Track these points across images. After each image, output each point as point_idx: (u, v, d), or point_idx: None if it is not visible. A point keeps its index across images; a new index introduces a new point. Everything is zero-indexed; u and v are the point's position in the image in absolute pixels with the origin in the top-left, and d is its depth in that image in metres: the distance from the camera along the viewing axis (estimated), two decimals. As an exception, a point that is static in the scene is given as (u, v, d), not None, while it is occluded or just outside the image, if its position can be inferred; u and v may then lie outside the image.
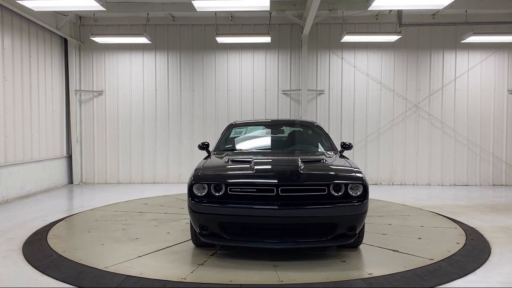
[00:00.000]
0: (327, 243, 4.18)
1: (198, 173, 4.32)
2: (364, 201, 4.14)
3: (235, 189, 4.09)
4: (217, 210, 4.09)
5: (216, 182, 4.15)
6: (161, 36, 10.14)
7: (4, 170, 7.72)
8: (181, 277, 3.84)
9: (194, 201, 4.15)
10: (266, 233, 4.15)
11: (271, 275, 3.90)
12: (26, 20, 8.40)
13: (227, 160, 4.82)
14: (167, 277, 3.81)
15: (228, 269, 4.02)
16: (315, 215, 4.08)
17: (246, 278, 3.81)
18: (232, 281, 3.73)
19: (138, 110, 10.26)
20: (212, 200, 4.12)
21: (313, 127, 6.36)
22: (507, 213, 6.81)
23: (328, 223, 4.12)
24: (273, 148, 5.88)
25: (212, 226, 4.14)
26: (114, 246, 4.81)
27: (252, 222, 4.11)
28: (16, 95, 8.14)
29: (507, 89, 10.05)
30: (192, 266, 4.12)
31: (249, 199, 4.08)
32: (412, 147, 10.10)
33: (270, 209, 3.98)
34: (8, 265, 4.25)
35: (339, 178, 4.22)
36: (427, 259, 4.34)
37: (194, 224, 4.30)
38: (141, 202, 7.55)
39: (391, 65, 10.09)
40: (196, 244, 4.67)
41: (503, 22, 9.26)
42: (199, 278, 3.83)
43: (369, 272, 3.96)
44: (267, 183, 4.10)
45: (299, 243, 4.15)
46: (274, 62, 10.18)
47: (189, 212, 4.25)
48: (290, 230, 4.15)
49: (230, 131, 6.10)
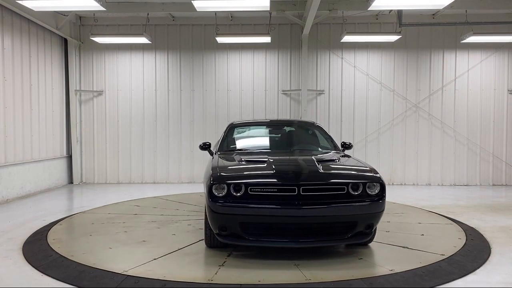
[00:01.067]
0: (347, 241, 4.25)
1: (217, 174, 4.24)
2: (382, 200, 4.22)
3: (256, 189, 4.06)
4: (239, 210, 4.05)
5: (236, 182, 4.10)
6: (161, 36, 10.14)
7: (4, 170, 7.72)
8: (208, 278, 3.80)
9: (214, 202, 4.07)
10: (288, 232, 4.16)
11: (296, 274, 3.91)
12: (26, 20, 8.40)
13: (240, 160, 4.76)
14: (193, 279, 3.76)
15: (251, 269, 4.01)
16: (336, 214, 4.12)
17: (274, 278, 3.80)
18: (261, 281, 3.73)
19: (138, 110, 10.26)
20: (232, 201, 4.06)
21: (314, 127, 6.39)
22: (507, 213, 6.81)
23: (349, 222, 4.18)
24: (279, 148, 5.84)
25: (233, 227, 4.10)
26: (124, 249, 4.70)
27: (274, 222, 4.11)
28: (16, 95, 8.14)
29: (507, 89, 10.06)
30: (214, 267, 4.08)
31: (270, 199, 4.07)
32: (412, 147, 10.10)
33: (293, 209, 4.00)
34: (8, 265, 4.25)
35: (358, 177, 4.30)
36: (439, 254, 4.46)
37: (212, 225, 4.22)
38: (133, 204, 7.37)
39: (391, 65, 10.09)
40: (209, 246, 4.62)
41: (503, 22, 9.26)
42: (225, 279, 3.80)
43: (390, 268, 4.03)
44: (289, 183, 4.09)
45: (320, 241, 4.23)
46: (274, 62, 10.18)
47: (208, 212, 4.18)
48: (311, 229, 4.18)
49: (233, 131, 6.06)
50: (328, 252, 4.58)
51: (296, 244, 4.16)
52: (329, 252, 4.59)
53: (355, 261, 4.30)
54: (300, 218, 4.04)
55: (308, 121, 7.38)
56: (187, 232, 5.38)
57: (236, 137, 6.02)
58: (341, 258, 4.40)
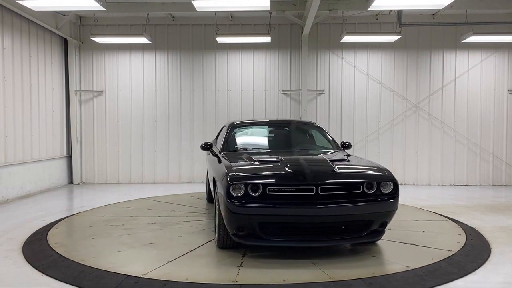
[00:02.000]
0: (362, 239, 4.32)
1: (234, 174, 4.21)
2: (396, 198, 4.33)
3: (274, 189, 4.07)
4: (258, 210, 4.05)
5: (254, 183, 4.09)
6: (161, 36, 10.14)
7: (4, 170, 7.72)
8: (231, 279, 3.78)
9: (232, 202, 4.04)
10: (306, 232, 4.20)
11: (317, 273, 3.93)
12: (26, 20, 8.40)
13: (252, 160, 4.73)
14: (217, 281, 3.75)
15: (272, 269, 4.01)
16: (354, 213, 4.19)
17: (297, 277, 3.81)
18: (286, 281, 3.74)
19: (138, 110, 10.25)
20: (250, 201, 4.06)
21: (315, 127, 6.44)
22: (507, 213, 6.81)
23: (365, 220, 4.26)
24: (284, 147, 5.85)
25: (252, 227, 4.09)
26: (133, 252, 4.60)
27: (293, 222, 4.13)
28: (16, 95, 8.14)
29: (507, 89, 10.05)
30: (233, 268, 4.06)
31: (288, 198, 4.09)
32: (412, 147, 10.10)
33: (312, 208, 4.04)
34: (8, 265, 4.25)
35: (372, 177, 4.39)
36: (446, 250, 4.58)
37: (229, 225, 4.19)
38: (125, 205, 7.21)
39: (391, 65, 10.09)
40: (221, 247, 4.58)
41: (503, 22, 9.26)
42: (249, 279, 3.80)
43: (406, 265, 4.12)
44: (307, 183, 4.11)
45: (338, 240, 4.29)
46: (274, 62, 10.18)
47: (225, 213, 4.14)
48: (329, 228, 4.24)
49: (235, 131, 6.02)
50: (340, 251, 4.65)
51: (315, 243, 4.25)
52: (342, 251, 4.66)
53: (369, 258, 4.37)
54: (319, 218, 4.09)
55: (308, 121, 7.40)
56: (192, 234, 5.33)
57: (240, 137, 6.00)
58: (355, 256, 4.46)
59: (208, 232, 5.36)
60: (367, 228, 4.28)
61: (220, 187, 4.34)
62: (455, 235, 5.29)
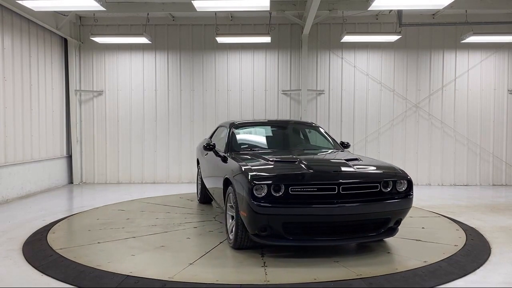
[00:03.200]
0: (380, 237, 4.44)
1: (255, 174, 4.21)
2: (411, 196, 4.47)
3: (297, 189, 4.09)
4: (283, 210, 4.07)
5: (277, 183, 4.10)
6: (161, 36, 10.14)
7: (4, 170, 7.72)
8: (262, 279, 3.77)
9: (256, 203, 4.04)
10: (328, 230, 4.27)
11: (345, 271, 3.97)
12: (26, 20, 8.40)
13: (268, 160, 4.73)
14: (248, 281, 3.72)
15: (298, 268, 4.03)
16: (375, 211, 4.29)
17: (326, 275, 3.84)
18: (317, 279, 3.75)
19: (138, 110, 10.25)
20: (273, 201, 4.07)
21: (315, 127, 6.50)
22: (507, 213, 6.82)
23: (384, 218, 4.36)
24: (289, 147, 5.91)
25: (276, 227, 4.10)
26: (148, 255, 4.47)
27: (316, 221, 4.19)
28: (16, 95, 8.14)
29: (507, 89, 10.05)
30: (259, 268, 4.04)
31: (311, 198, 4.13)
32: (412, 147, 10.10)
33: (335, 207, 4.09)
34: (8, 265, 4.25)
35: (389, 175, 4.49)
36: (452, 245, 4.75)
37: (251, 226, 4.19)
38: (116, 208, 6.98)
39: (391, 65, 10.09)
40: (238, 247, 4.53)
41: (503, 22, 9.26)
42: (279, 278, 3.78)
43: (423, 260, 4.25)
44: (330, 182, 4.17)
45: (358, 238, 4.36)
46: (274, 62, 10.18)
47: (248, 213, 4.11)
48: (350, 227, 4.32)
49: (237, 131, 5.96)
50: (355, 248, 4.71)
51: (338, 241, 4.34)
52: (357, 248, 4.71)
53: (385, 255, 4.48)
54: (341, 216, 4.16)
55: (307, 121, 7.43)
56: (200, 236, 5.26)
57: (243, 137, 5.96)
58: (371, 253, 4.53)
59: (215, 234, 5.30)
60: (385, 225, 4.40)
61: (239, 187, 4.31)
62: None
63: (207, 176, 6.38)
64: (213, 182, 5.86)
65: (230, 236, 4.71)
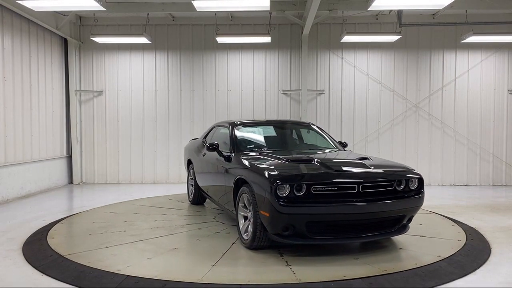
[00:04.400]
0: (394, 234, 4.55)
1: (277, 174, 4.21)
2: (423, 193, 4.62)
3: (318, 188, 4.14)
4: (306, 210, 4.10)
5: (300, 182, 4.13)
6: (161, 36, 10.14)
7: (4, 170, 7.72)
8: (293, 278, 3.77)
9: (279, 203, 4.05)
10: (349, 228, 4.35)
11: (369, 268, 4.04)
12: (26, 20, 8.40)
13: (283, 160, 4.74)
14: (281, 281, 3.73)
15: (324, 266, 4.07)
16: (392, 209, 4.39)
17: (353, 273, 3.90)
18: (346, 276, 3.81)
19: (138, 110, 10.26)
20: (296, 201, 4.10)
21: (315, 127, 6.55)
22: (507, 213, 6.81)
23: (399, 215, 4.48)
24: (294, 147, 6.01)
25: (299, 226, 4.13)
26: (165, 258, 4.36)
27: (338, 219, 4.25)
28: (16, 95, 8.14)
29: (507, 89, 10.05)
30: (284, 267, 4.06)
31: (332, 197, 4.18)
32: (412, 147, 10.10)
33: (356, 206, 4.17)
34: (8, 265, 4.25)
35: (403, 174, 4.61)
36: (455, 240, 4.95)
37: (274, 226, 4.19)
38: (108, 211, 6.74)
39: (391, 65, 10.09)
40: (255, 247, 4.52)
41: (503, 22, 9.26)
42: (309, 277, 3.80)
43: (437, 255, 4.41)
44: (350, 181, 4.26)
45: (376, 235, 4.46)
46: (274, 62, 10.18)
47: (271, 213, 4.10)
48: (369, 224, 4.40)
49: (240, 132, 5.90)
50: (369, 246, 4.76)
51: (358, 239, 4.42)
52: (370, 245, 4.76)
53: (398, 251, 4.60)
54: (362, 215, 4.24)
55: (306, 122, 7.46)
56: (208, 237, 5.18)
57: (247, 138, 5.92)
58: (386, 250, 4.64)
59: (223, 235, 5.26)
60: (399, 222, 4.53)
61: (258, 188, 4.31)
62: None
63: (206, 176, 6.32)
64: (216, 182, 5.80)
65: (244, 237, 4.69)
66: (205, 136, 7.11)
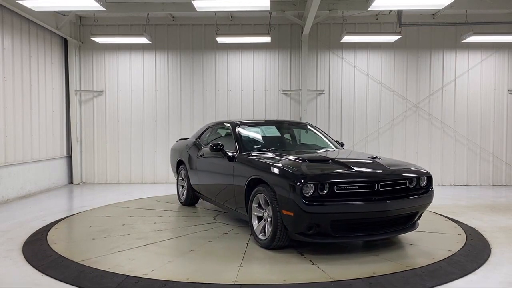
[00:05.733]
0: (407, 230, 4.71)
1: (302, 174, 4.22)
2: (432, 191, 4.77)
3: (341, 187, 4.21)
4: (331, 208, 4.15)
5: (324, 182, 4.17)
6: (161, 36, 10.14)
7: (4, 170, 7.72)
8: (326, 277, 3.81)
9: (305, 202, 4.08)
10: (370, 226, 4.43)
11: (393, 264, 4.14)
12: (26, 20, 8.40)
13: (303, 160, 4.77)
14: (317, 279, 3.76)
15: (350, 264, 4.15)
16: (407, 206, 4.49)
17: (380, 269, 4.00)
18: (376, 273, 3.89)
19: (138, 110, 10.26)
20: (320, 200, 4.14)
21: (313, 127, 6.60)
22: (507, 213, 6.81)
23: (412, 212, 4.62)
24: (299, 147, 6.13)
25: (324, 225, 4.18)
26: (187, 261, 4.27)
27: (360, 218, 4.32)
28: (16, 95, 8.14)
29: (507, 89, 10.05)
30: (311, 266, 4.10)
31: (355, 196, 4.26)
32: (412, 147, 10.10)
33: (377, 204, 4.25)
34: (8, 265, 4.25)
35: (415, 172, 4.73)
36: (456, 234, 5.14)
37: (298, 225, 4.21)
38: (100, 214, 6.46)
39: (391, 65, 10.09)
40: (275, 247, 4.52)
41: (503, 22, 9.26)
42: (342, 275, 3.86)
43: (448, 249, 4.59)
44: (371, 180, 4.34)
45: (393, 232, 4.59)
46: (274, 62, 10.18)
47: (296, 212, 4.13)
48: (388, 221, 4.50)
49: (245, 132, 5.86)
50: (382, 243, 4.86)
51: (378, 236, 4.51)
52: (383, 242, 4.86)
53: (409, 247, 4.74)
54: (383, 212, 4.32)
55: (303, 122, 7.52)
56: (218, 238, 5.10)
57: (254, 138, 5.89)
58: (398, 245, 4.77)
59: (232, 235, 5.20)
60: (412, 219, 4.67)
61: (279, 188, 4.33)
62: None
63: (205, 177, 6.23)
64: (219, 183, 5.73)
65: (260, 237, 4.69)
66: (198, 136, 6.96)
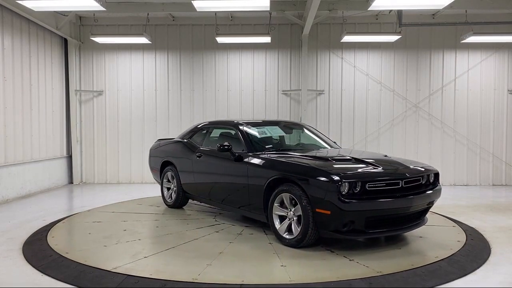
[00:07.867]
0: (422, 224, 4.95)
1: (339, 174, 4.35)
2: (440, 186, 5.08)
3: (371, 185, 4.39)
4: (366, 206, 4.33)
5: (359, 180, 4.34)
6: (161, 36, 10.14)
7: (4, 170, 7.72)
8: (371, 272, 3.91)
9: (342, 200, 4.22)
10: (398, 221, 4.66)
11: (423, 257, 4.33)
12: (26, 20, 8.40)
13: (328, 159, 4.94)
14: (360, 276, 3.81)
15: (386, 259, 4.29)
16: (424, 201, 4.76)
17: (418, 261, 4.20)
18: (413, 265, 4.10)
19: (138, 110, 10.26)
20: (354, 198, 4.29)
21: (310, 127, 6.75)
22: (507, 213, 6.82)
23: (428, 207, 4.94)
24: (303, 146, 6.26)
25: (359, 222, 4.34)
26: (222, 263, 4.19)
27: (390, 213, 4.52)
28: (16, 95, 8.14)
29: (507, 89, 10.05)
30: (350, 262, 4.22)
31: (383, 193, 4.45)
32: (412, 147, 10.09)
33: (404, 200, 4.50)
34: (8, 265, 4.25)
35: (428, 169, 5.00)
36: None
37: (336, 223, 4.31)
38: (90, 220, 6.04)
39: (391, 65, 10.09)
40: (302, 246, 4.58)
41: (503, 22, 9.26)
42: (386, 269, 3.98)
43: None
44: (397, 177, 4.57)
45: (414, 226, 4.82)
46: (274, 62, 10.18)
47: (333, 210, 4.24)
48: (410, 216, 4.75)
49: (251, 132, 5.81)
50: (393, 239, 5.00)
51: (403, 230, 4.78)
52: (394, 239, 5.00)
53: (418, 240, 4.99)
54: (409, 208, 4.58)
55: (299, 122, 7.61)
56: (236, 239, 4.99)
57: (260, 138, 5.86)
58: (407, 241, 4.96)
59: (247, 236, 5.15)
60: (425, 213, 5.00)
61: (312, 188, 4.42)
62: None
63: (205, 178, 6.15)
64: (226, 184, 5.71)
65: (285, 236, 4.74)
66: (189, 136, 6.84)
